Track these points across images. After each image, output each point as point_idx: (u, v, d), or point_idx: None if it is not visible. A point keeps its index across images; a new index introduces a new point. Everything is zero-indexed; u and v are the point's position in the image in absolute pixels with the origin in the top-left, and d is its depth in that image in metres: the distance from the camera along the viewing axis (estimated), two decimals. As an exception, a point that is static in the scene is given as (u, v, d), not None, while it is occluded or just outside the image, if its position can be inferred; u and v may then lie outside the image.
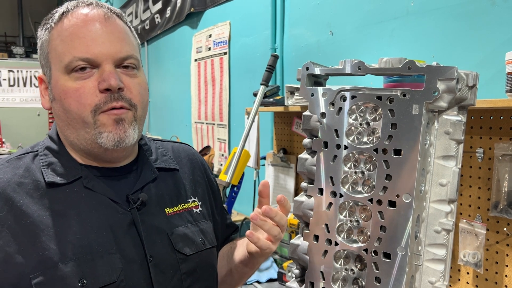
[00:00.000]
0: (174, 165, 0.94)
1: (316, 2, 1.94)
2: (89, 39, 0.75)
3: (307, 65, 0.80)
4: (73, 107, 0.76)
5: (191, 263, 0.86)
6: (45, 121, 7.33)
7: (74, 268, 0.73)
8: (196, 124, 3.31)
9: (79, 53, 0.75)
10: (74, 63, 0.75)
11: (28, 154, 0.82)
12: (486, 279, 1.18)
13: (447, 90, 0.68)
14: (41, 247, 0.73)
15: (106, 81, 0.75)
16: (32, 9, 9.22)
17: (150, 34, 4.07)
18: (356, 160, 0.74)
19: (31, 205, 0.75)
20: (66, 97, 0.76)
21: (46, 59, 0.79)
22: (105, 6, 0.81)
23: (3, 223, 0.73)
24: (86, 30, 0.76)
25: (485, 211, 1.17)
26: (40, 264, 0.72)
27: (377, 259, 0.71)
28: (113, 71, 0.76)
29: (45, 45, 0.79)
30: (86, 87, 0.75)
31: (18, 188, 0.76)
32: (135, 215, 0.81)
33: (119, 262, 0.77)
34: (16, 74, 7.83)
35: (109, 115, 0.76)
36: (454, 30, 1.32)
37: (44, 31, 0.80)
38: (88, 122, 0.76)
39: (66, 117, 0.78)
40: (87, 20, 0.76)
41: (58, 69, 0.77)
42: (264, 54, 2.29)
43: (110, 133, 0.77)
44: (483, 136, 1.17)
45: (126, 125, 0.78)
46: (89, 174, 0.81)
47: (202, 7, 3.02)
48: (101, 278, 0.74)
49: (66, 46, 0.76)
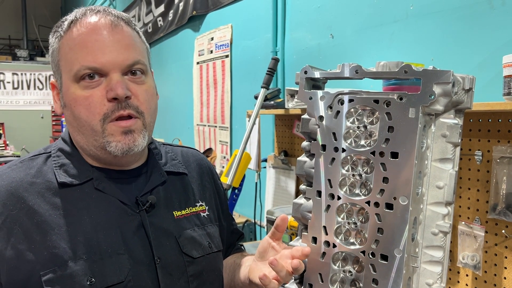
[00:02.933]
0: (183, 169, 0.95)
1: (317, 5, 1.95)
2: (96, 49, 0.76)
3: (305, 69, 0.81)
4: (83, 115, 0.78)
5: (198, 266, 0.87)
6: (48, 123, 7.36)
7: (83, 267, 0.75)
8: (198, 127, 3.32)
9: (87, 62, 0.76)
10: (82, 71, 0.76)
11: (42, 155, 0.84)
12: (485, 281, 1.19)
13: (443, 94, 0.69)
14: (51, 245, 0.74)
15: (113, 90, 0.76)
16: (36, 13, 9.27)
17: (153, 37, 4.10)
18: (354, 163, 0.74)
19: (42, 204, 0.77)
20: (76, 104, 0.78)
21: (57, 66, 0.81)
22: (113, 13, 0.82)
23: (15, 220, 0.74)
24: (93, 39, 0.77)
25: (483, 214, 1.18)
26: (50, 261, 0.73)
27: (374, 261, 0.71)
28: (120, 80, 0.77)
29: (56, 53, 0.81)
30: (95, 95, 0.77)
31: (30, 188, 0.78)
32: (144, 217, 0.83)
33: (127, 263, 0.78)
34: (20, 77, 7.87)
35: (117, 126, 0.78)
36: (453, 33, 1.33)
37: (55, 39, 0.81)
38: (96, 130, 0.78)
39: (76, 124, 0.80)
40: (94, 29, 0.78)
41: (68, 77, 0.78)
42: (265, 57, 2.30)
43: (119, 142, 0.78)
44: (481, 139, 1.17)
45: (136, 134, 0.80)
46: (100, 176, 0.82)
47: (204, 10, 3.03)
48: (109, 278, 0.76)
49: (75, 55, 0.77)
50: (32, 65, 8.03)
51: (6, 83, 7.72)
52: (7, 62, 7.99)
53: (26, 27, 9.26)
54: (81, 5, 5.11)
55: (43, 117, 7.57)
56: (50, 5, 9.60)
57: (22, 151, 5.97)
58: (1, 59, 8.07)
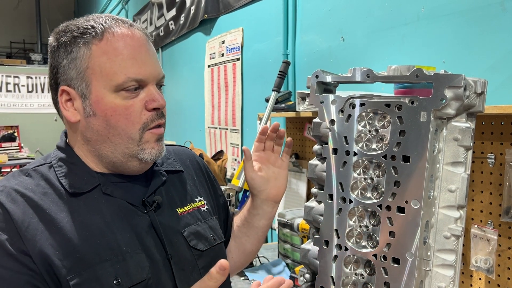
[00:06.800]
0: (179, 167, 0.99)
1: (328, 8, 1.95)
2: (140, 61, 0.80)
3: (316, 73, 0.82)
4: (121, 124, 0.80)
5: (206, 258, 0.91)
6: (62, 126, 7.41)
7: (108, 268, 0.77)
8: (210, 129, 3.34)
9: (133, 74, 0.79)
10: (128, 83, 0.79)
11: (43, 165, 0.85)
12: (498, 284, 1.18)
13: (455, 98, 0.69)
14: (74, 250, 0.76)
15: (156, 101, 0.82)
16: (50, 17, 9.42)
17: (165, 40, 4.13)
18: (365, 167, 0.75)
19: (58, 212, 0.78)
20: (115, 114, 0.80)
21: (83, 73, 0.80)
22: (138, 26, 0.85)
23: (36, 228, 0.76)
24: (137, 53, 0.81)
25: (496, 217, 1.17)
26: (76, 266, 0.75)
27: (386, 264, 0.72)
28: (158, 91, 0.84)
29: (83, 60, 0.79)
30: (135, 105, 0.81)
31: (44, 197, 0.79)
32: (153, 217, 0.85)
33: (146, 261, 0.81)
34: (34, 80, 7.99)
35: (153, 134, 0.83)
36: (464, 35, 1.32)
37: (80, 46, 0.79)
38: (134, 139, 0.82)
39: (107, 132, 0.81)
40: (135, 42, 0.81)
41: (105, 86, 0.79)
42: (276, 60, 2.31)
43: (153, 149, 0.84)
44: (494, 142, 1.17)
45: (163, 141, 0.87)
46: (106, 181, 0.84)
47: (215, 14, 3.05)
48: (134, 277, 0.79)
49: (117, 66, 0.79)
50: (46, 68, 8.01)
51: (21, 86, 7.85)
52: (22, 66, 8.13)
53: (40, 31, 9.41)
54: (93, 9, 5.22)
55: (56, 119, 7.65)
56: (63, 9, 9.75)
57: (36, 154, 6.05)
58: (16, 63, 8.22)
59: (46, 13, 9.47)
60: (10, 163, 5.23)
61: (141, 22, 4.86)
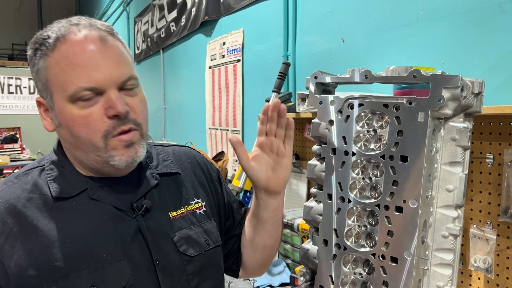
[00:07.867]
0: (175, 169, 0.96)
1: (328, 10, 1.96)
2: (90, 68, 0.76)
3: (315, 74, 0.82)
4: (83, 133, 0.78)
5: (197, 264, 0.89)
6: (63, 127, 7.44)
7: (85, 276, 0.77)
8: (211, 130, 3.35)
9: (83, 83, 0.76)
10: (80, 93, 0.76)
11: (35, 169, 0.86)
12: (497, 284, 1.18)
13: (452, 98, 0.69)
14: (53, 258, 0.76)
15: (114, 108, 0.77)
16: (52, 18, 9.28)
17: (166, 42, 4.14)
18: (364, 167, 0.76)
19: (41, 219, 0.79)
20: (75, 124, 0.78)
21: (46, 85, 0.80)
22: (98, 26, 0.81)
23: (16, 238, 0.77)
24: (86, 58, 0.76)
25: (495, 217, 1.18)
26: (53, 275, 0.76)
27: (384, 263, 0.72)
28: (119, 96, 0.78)
29: (43, 73, 0.79)
30: (94, 114, 0.77)
31: (28, 203, 0.80)
32: (141, 222, 0.84)
33: (128, 268, 0.81)
34: (36, 82, 7.99)
35: (119, 141, 0.79)
36: (463, 37, 1.33)
37: (39, 58, 0.79)
38: (99, 147, 0.79)
39: (74, 141, 0.80)
40: (85, 47, 0.76)
41: (62, 97, 0.77)
42: (276, 61, 2.31)
43: (122, 156, 0.80)
44: (492, 142, 1.17)
45: (137, 146, 0.82)
46: (94, 185, 0.84)
47: (216, 15, 3.07)
48: (111, 284, 0.78)
49: (68, 76, 0.76)
50: (48, 70, 8.15)
51: (23, 88, 7.85)
52: (24, 67, 8.14)
53: (41, 33, 9.42)
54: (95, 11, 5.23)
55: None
56: (65, 10, 9.76)
57: (38, 155, 6.06)
58: (18, 65, 8.23)
59: (47, 15, 9.50)
60: (12, 164, 5.25)
61: (142, 23, 4.87)
